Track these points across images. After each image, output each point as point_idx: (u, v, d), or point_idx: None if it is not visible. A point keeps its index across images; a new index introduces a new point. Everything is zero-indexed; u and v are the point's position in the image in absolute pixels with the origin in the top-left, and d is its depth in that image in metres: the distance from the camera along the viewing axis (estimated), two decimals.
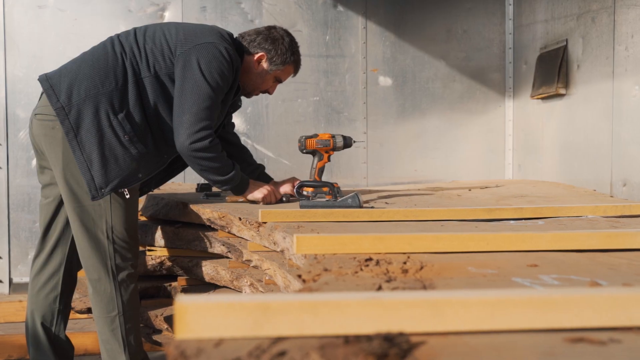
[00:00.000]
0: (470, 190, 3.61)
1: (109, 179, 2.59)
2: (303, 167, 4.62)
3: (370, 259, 1.45)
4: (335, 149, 2.90)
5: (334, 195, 2.63)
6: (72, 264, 2.83)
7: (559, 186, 3.82)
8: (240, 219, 2.36)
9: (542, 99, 4.46)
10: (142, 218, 3.30)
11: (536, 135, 4.60)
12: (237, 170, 2.78)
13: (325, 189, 2.79)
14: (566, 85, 4.21)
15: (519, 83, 4.82)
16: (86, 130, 2.57)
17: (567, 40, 4.22)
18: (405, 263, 1.42)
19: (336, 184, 2.77)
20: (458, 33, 4.82)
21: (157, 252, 3.07)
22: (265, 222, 2.21)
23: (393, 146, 4.74)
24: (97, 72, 2.64)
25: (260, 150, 4.56)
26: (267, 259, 2.29)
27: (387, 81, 4.74)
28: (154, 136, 2.71)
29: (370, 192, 3.46)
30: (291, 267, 2.07)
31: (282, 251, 2.04)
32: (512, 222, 2.35)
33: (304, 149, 2.90)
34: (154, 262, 3.09)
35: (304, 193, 2.76)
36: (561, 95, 4.26)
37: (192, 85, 2.63)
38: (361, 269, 1.33)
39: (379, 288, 1.13)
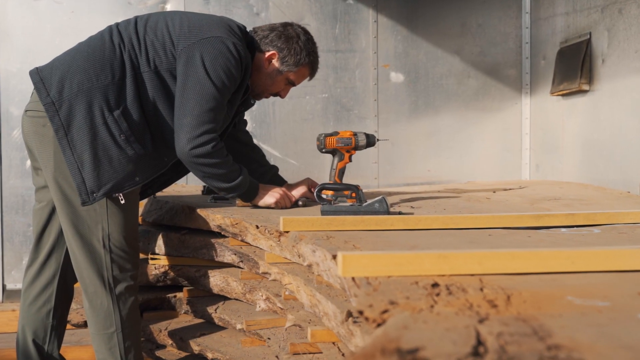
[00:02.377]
0: (494, 192, 3.29)
1: (102, 182, 2.27)
2: (311, 168, 4.31)
3: (437, 285, 1.13)
4: (357, 147, 2.58)
5: (358, 199, 2.31)
6: (68, 275, 2.50)
7: (588, 187, 3.51)
8: (257, 227, 2.03)
9: (563, 95, 4.15)
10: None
11: (556, 133, 4.29)
12: (244, 175, 2.45)
13: (347, 192, 2.47)
14: (590, 80, 3.90)
15: (536, 79, 4.51)
16: (78, 127, 2.24)
17: (590, 34, 3.91)
18: (482, 290, 1.10)
19: (359, 186, 2.44)
20: (473, 27, 4.50)
21: (161, 261, 2.74)
22: (287, 232, 1.89)
23: (405, 145, 4.43)
24: (92, 64, 2.31)
25: (267, 150, 4.23)
26: (288, 272, 1.97)
27: (398, 77, 4.42)
28: (154, 136, 2.38)
29: (389, 194, 3.14)
30: (320, 284, 1.75)
31: (309, 265, 1.71)
32: (563, 229, 2.03)
33: (323, 147, 2.57)
34: (157, 271, 2.76)
35: (324, 196, 2.44)
36: (584, 92, 3.95)
37: (195, 84, 2.31)
38: (434, 301, 1.01)
39: (478, 335, 0.81)
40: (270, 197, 2.52)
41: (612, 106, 3.76)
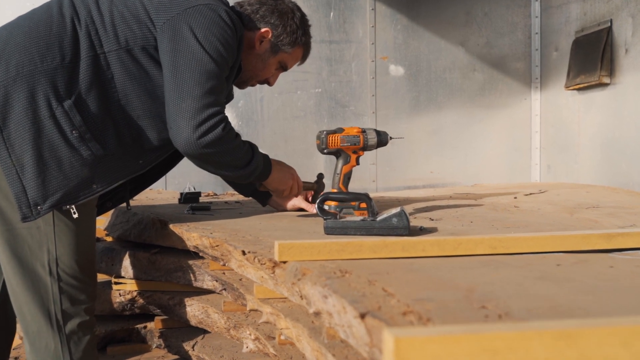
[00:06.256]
0: (516, 197, 2.77)
1: (48, 191, 1.70)
2: (304, 170, 3.71)
3: None
4: (366, 147, 2.02)
5: (370, 211, 1.75)
6: (8, 307, 1.93)
7: (618, 192, 2.99)
8: (244, 253, 1.48)
9: (579, 89, 3.63)
10: (109, 239, 2.41)
11: (570, 131, 3.77)
12: (255, 152, 1.96)
13: (354, 203, 1.93)
14: (611, 72, 3.39)
15: (547, 72, 3.98)
16: (16, 122, 1.69)
17: (611, 21, 3.40)
18: None
19: (368, 194, 1.89)
20: (478, 16, 3.97)
21: (127, 286, 2.18)
22: (284, 261, 1.34)
23: (406, 145, 3.88)
24: (35, 42, 1.75)
25: None
26: (286, 315, 1.42)
27: (398, 70, 3.88)
28: (119, 133, 1.81)
29: (397, 201, 2.60)
30: (332, 340, 1.20)
31: (316, 313, 1.17)
32: None
33: (325, 148, 2.01)
34: (122, 298, 2.19)
35: (326, 208, 1.89)
36: (604, 85, 3.44)
37: (189, 60, 1.77)
38: None
39: None
40: (280, 183, 2.08)
41: (637, 100, 3.25)
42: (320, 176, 2.22)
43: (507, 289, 1.09)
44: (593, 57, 3.46)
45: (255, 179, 2.01)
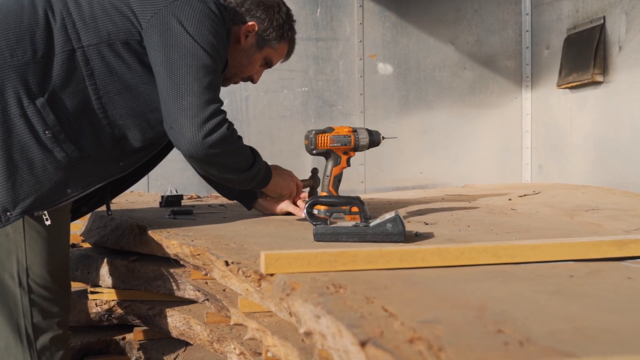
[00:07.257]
0: (510, 199, 2.65)
1: (19, 196, 1.57)
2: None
3: None
4: (357, 148, 1.89)
5: (363, 216, 1.62)
6: None
7: (615, 193, 2.88)
8: (227, 263, 1.34)
9: (572, 88, 3.53)
10: (86, 245, 2.26)
11: (562, 130, 3.67)
12: (257, 155, 1.89)
13: (345, 207, 1.80)
14: (604, 70, 3.29)
15: (538, 71, 3.88)
16: None
17: (604, 18, 3.30)
18: None
19: (360, 197, 1.76)
20: (468, 13, 3.85)
21: (104, 295, 2.04)
22: (271, 274, 1.20)
23: (395, 145, 3.74)
24: (4, 35, 1.62)
25: None
26: (273, 332, 1.28)
27: (387, 69, 3.76)
28: (98, 133, 1.68)
29: (389, 204, 2.47)
30: None
31: (307, 333, 1.04)
32: None
33: (314, 148, 1.88)
34: (99, 308, 2.05)
35: (315, 212, 1.76)
36: (597, 83, 3.34)
37: (183, 55, 1.65)
38: None
39: None
40: (280, 188, 2.02)
41: (631, 99, 3.15)
42: (315, 171, 2.12)
43: (522, 307, 0.97)
44: (586, 55, 3.36)
45: (258, 183, 1.90)
